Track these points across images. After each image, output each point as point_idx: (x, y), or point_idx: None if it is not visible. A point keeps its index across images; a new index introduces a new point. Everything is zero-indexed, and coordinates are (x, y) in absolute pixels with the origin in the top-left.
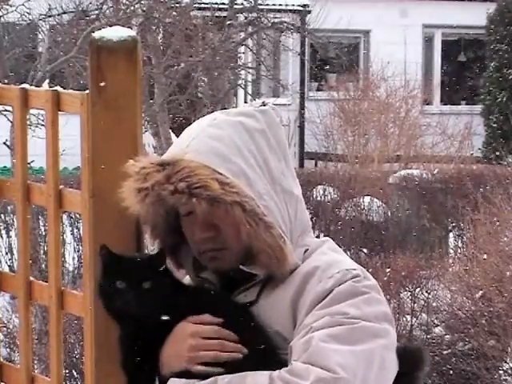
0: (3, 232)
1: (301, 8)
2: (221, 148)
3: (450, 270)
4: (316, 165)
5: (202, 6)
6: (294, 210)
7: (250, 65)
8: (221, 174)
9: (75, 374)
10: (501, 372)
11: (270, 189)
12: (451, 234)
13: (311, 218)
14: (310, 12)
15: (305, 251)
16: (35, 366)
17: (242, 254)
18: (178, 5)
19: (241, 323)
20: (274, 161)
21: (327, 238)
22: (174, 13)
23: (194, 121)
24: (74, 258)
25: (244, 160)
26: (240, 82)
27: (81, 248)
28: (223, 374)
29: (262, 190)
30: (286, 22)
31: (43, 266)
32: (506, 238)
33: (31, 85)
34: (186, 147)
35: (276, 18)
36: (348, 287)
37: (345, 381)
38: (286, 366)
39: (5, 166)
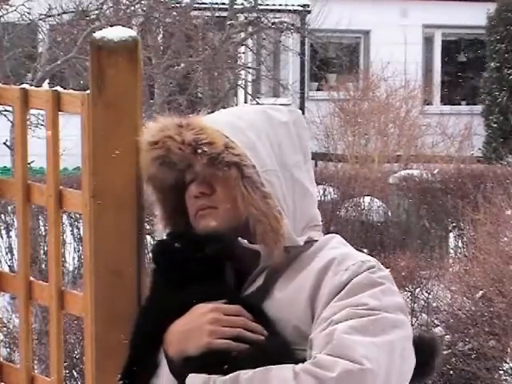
0: (3, 232)
1: (301, 8)
2: (237, 122)
3: (450, 270)
4: (316, 165)
5: (202, 6)
6: (300, 200)
7: (250, 65)
8: (230, 139)
9: (75, 374)
10: (501, 372)
11: (278, 170)
12: (451, 234)
13: None
14: (309, 12)
15: (311, 241)
16: (35, 366)
17: (234, 221)
18: (178, 5)
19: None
20: (289, 150)
21: (335, 234)
22: (174, 13)
23: None
24: (74, 258)
25: (257, 137)
26: (240, 82)
27: (81, 248)
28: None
29: (268, 167)
30: (286, 22)
31: (43, 265)
32: (506, 238)
33: (31, 85)
34: (207, 118)
35: (276, 18)
36: (365, 278)
37: (371, 372)
38: (301, 361)
39: (5, 166)
